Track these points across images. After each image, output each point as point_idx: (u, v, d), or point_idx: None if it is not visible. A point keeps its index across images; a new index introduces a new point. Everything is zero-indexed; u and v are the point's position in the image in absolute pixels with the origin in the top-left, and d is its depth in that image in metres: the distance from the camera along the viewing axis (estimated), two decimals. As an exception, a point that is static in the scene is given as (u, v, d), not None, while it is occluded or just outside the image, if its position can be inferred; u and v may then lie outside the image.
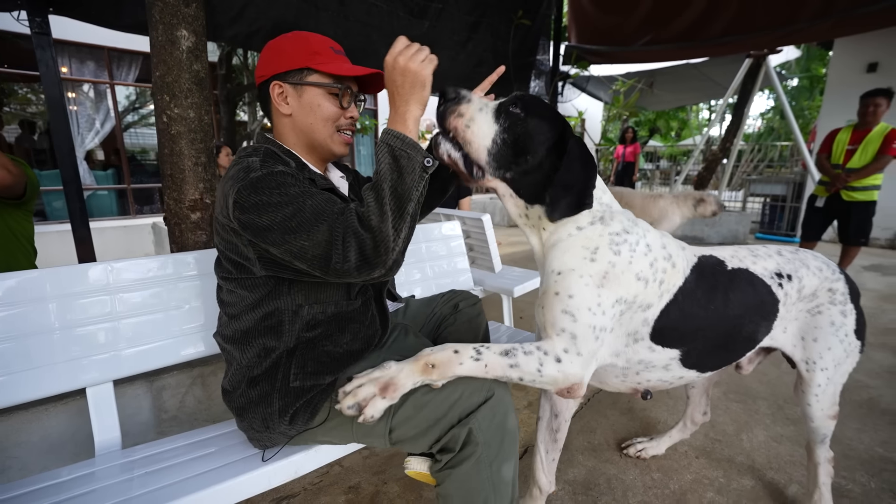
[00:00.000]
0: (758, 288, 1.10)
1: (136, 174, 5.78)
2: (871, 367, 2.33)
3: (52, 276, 1.05)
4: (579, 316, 0.90)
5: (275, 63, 0.94)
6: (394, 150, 0.81)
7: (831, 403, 1.22)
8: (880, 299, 3.52)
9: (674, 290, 1.00)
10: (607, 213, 0.99)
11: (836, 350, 1.16)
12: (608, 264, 0.93)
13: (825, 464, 1.29)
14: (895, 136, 3.40)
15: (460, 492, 0.87)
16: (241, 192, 0.82)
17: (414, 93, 0.84)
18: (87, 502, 0.83)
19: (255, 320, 0.94)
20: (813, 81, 12.94)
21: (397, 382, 0.85)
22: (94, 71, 5.15)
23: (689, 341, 1.03)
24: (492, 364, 0.87)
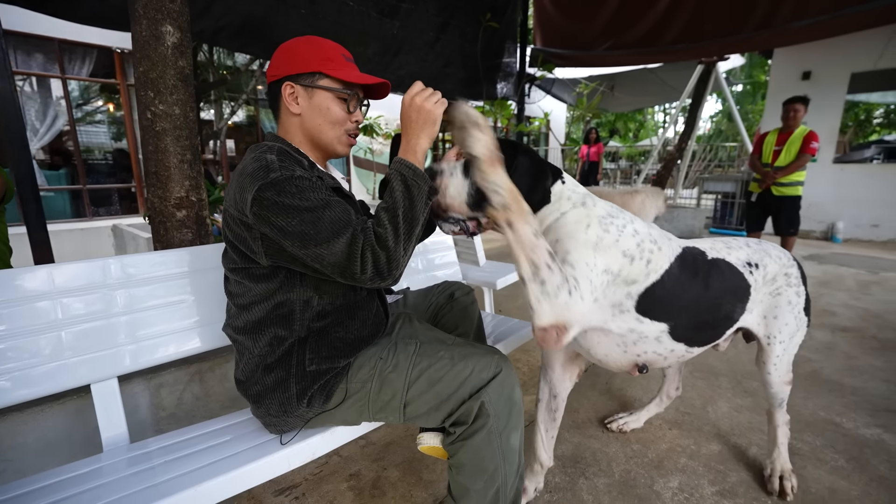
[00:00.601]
0: (733, 274, 1.23)
1: (92, 174, 5.45)
2: (813, 343, 2.61)
3: (55, 271, 1.04)
4: (578, 267, 1.00)
5: (288, 64, 0.99)
6: (406, 180, 0.90)
7: (786, 370, 1.39)
8: (818, 285, 3.90)
9: (660, 271, 1.10)
10: (589, 200, 1.11)
11: (791, 325, 1.33)
12: (597, 237, 1.04)
13: (783, 426, 1.45)
14: (812, 137, 3.91)
15: (473, 461, 0.94)
16: (263, 191, 0.85)
17: (426, 128, 0.94)
18: (114, 490, 0.84)
19: (267, 310, 0.97)
20: (755, 87, 13.95)
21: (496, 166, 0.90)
22: (42, 64, 4.82)
23: (674, 317, 1.14)
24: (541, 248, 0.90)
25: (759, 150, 4.28)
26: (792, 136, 3.99)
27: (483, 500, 0.94)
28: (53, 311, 1.04)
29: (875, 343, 2.62)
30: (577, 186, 1.15)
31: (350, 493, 1.43)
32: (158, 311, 1.18)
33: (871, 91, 7.88)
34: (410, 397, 0.96)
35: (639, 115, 19.32)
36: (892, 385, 2.11)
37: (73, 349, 1.04)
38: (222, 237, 1.02)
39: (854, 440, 1.69)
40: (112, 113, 5.82)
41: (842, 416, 1.84)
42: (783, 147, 4.03)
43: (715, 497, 1.40)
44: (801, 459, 1.57)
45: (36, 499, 0.84)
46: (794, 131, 3.99)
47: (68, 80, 5.00)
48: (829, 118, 6.05)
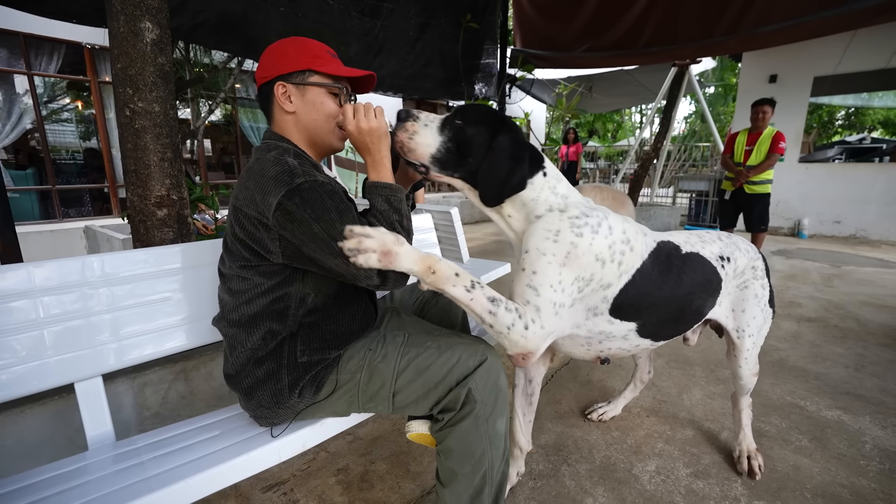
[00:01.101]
0: (706, 269, 1.25)
1: (62, 174, 5.26)
2: (780, 333, 2.74)
3: (35, 270, 1.02)
4: (542, 291, 1.00)
5: (278, 65, 1.01)
6: (389, 199, 0.99)
7: (755, 363, 1.46)
8: (785, 278, 4.09)
9: (632, 271, 1.10)
10: (563, 203, 1.09)
11: (759, 318, 1.37)
12: (570, 245, 1.02)
13: (746, 409, 1.54)
14: (780, 137, 4.16)
15: (461, 445, 0.97)
16: (290, 197, 0.87)
17: (382, 142, 1.00)
18: (104, 485, 0.84)
19: (264, 305, 0.99)
20: (727, 89, 14.45)
21: (397, 255, 0.87)
22: (6, 59, 4.63)
23: (644, 315, 1.15)
24: (478, 301, 0.94)
25: (730, 150, 4.50)
26: (761, 136, 4.21)
27: (470, 483, 0.97)
28: (34, 310, 1.02)
29: (837, 332, 2.77)
30: (559, 182, 1.12)
31: (339, 487, 1.45)
32: (142, 308, 1.17)
33: (832, 94, 8.27)
34: (399, 386, 0.99)
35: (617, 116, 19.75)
36: (851, 370, 2.24)
37: (56, 348, 1.03)
38: (227, 234, 1.02)
39: (816, 422, 1.79)
40: (82, 111, 5.63)
41: (806, 400, 1.95)
42: (754, 147, 4.25)
43: (689, 478, 1.48)
44: (769, 441, 1.66)
45: (21, 497, 0.83)
46: (763, 132, 4.22)
47: (35, 77, 4.82)
48: (795, 119, 6.33)
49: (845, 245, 5.85)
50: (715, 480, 1.46)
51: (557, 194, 1.10)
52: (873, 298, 3.46)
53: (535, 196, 1.09)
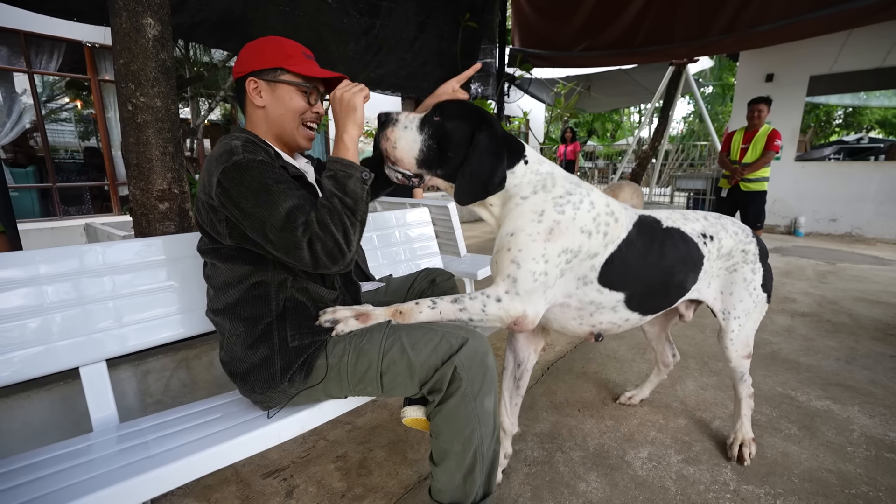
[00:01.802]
0: (687, 244, 1.29)
1: (62, 172, 5.29)
2: (773, 327, 2.78)
3: (46, 257, 1.05)
4: (524, 264, 1.07)
5: (252, 62, 1.07)
6: (336, 175, 0.98)
7: (744, 345, 1.46)
8: (781, 275, 4.12)
9: (618, 241, 1.16)
10: (549, 181, 1.14)
11: (747, 301, 1.39)
12: (553, 222, 1.08)
13: (746, 399, 1.54)
14: (776, 135, 4.21)
15: (449, 423, 1.00)
16: (226, 173, 0.93)
17: (349, 115, 1.02)
18: (110, 462, 0.87)
19: (242, 292, 1.02)
20: (724, 89, 14.49)
21: (372, 315, 1.07)
22: (7, 57, 4.66)
23: (631, 285, 1.20)
24: (445, 310, 1.07)
25: (727, 148, 4.56)
26: (757, 134, 4.26)
27: (462, 461, 1.00)
28: (41, 296, 1.05)
29: (830, 326, 2.81)
30: (542, 164, 1.16)
31: (337, 473, 1.48)
32: (144, 297, 1.20)
33: (828, 93, 8.32)
34: (386, 366, 1.01)
35: (616, 116, 19.80)
36: (842, 363, 2.28)
37: (62, 333, 1.06)
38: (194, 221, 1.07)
39: (806, 411, 1.83)
40: (82, 109, 5.66)
41: (796, 391, 1.99)
42: (749, 145, 4.31)
43: (680, 464, 1.51)
44: (759, 429, 1.70)
45: (29, 473, 0.86)
46: (758, 130, 4.27)
47: (35, 75, 4.84)
48: (791, 118, 6.37)
49: (841, 243, 5.89)
50: (705, 466, 1.50)
51: (541, 173, 1.14)
52: (866, 294, 3.50)
53: (517, 182, 1.13)
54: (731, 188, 4.44)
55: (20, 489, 0.81)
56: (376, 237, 1.95)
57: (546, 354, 2.42)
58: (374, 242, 1.94)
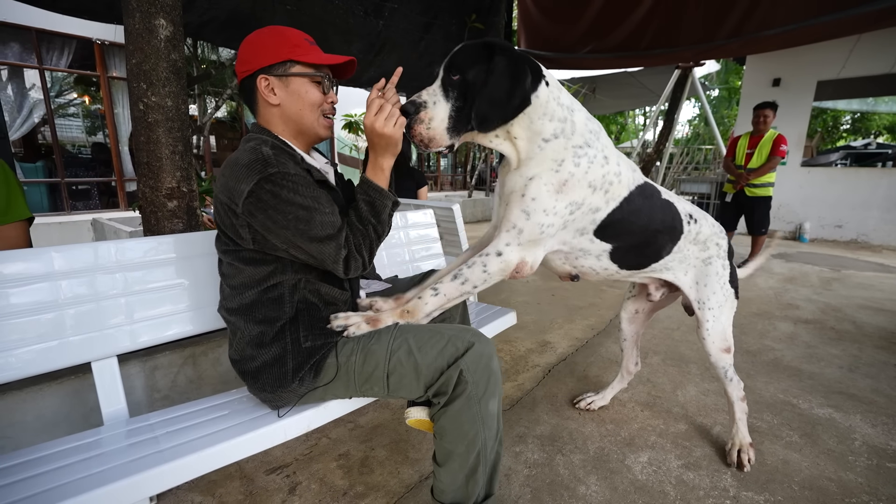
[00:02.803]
0: (675, 216, 1.36)
1: (71, 167, 5.34)
2: (776, 334, 2.77)
3: (61, 253, 1.08)
4: (533, 216, 1.09)
5: (258, 58, 1.02)
6: (373, 202, 1.05)
7: (721, 338, 1.49)
8: (784, 281, 4.11)
9: (619, 199, 1.20)
10: (569, 125, 1.10)
11: (719, 294, 1.46)
12: (568, 174, 1.09)
13: (738, 402, 1.54)
14: (782, 140, 4.20)
15: (455, 426, 1.01)
16: (262, 185, 0.92)
17: (389, 149, 1.05)
18: (121, 456, 0.89)
19: (258, 293, 1.04)
20: (731, 92, 14.43)
21: (380, 319, 1.11)
22: (19, 54, 4.71)
23: (620, 239, 1.26)
24: (448, 291, 1.11)
25: (732, 153, 4.55)
26: (762, 139, 4.26)
27: (465, 463, 1.01)
28: (55, 292, 1.07)
29: (833, 334, 2.80)
30: (561, 91, 1.11)
31: (339, 471, 1.50)
32: (154, 294, 1.23)
33: (836, 98, 8.27)
34: (392, 366, 1.03)
35: (620, 118, 19.74)
36: (845, 371, 2.28)
37: (75, 328, 1.09)
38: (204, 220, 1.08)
39: (808, 419, 1.83)
40: (91, 106, 5.71)
41: (798, 398, 1.99)
42: (755, 150, 4.30)
43: (681, 469, 1.52)
44: (760, 436, 1.70)
45: (40, 465, 0.88)
46: (764, 135, 4.26)
47: (46, 71, 4.89)
48: (797, 123, 6.35)
49: (846, 249, 5.86)
50: (705, 472, 1.50)
51: (562, 105, 1.10)
52: (871, 302, 3.48)
53: (542, 112, 1.08)
54: (735, 193, 4.44)
55: (33, 480, 0.83)
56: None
57: (547, 356, 2.43)
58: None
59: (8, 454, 0.92)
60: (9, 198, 1.44)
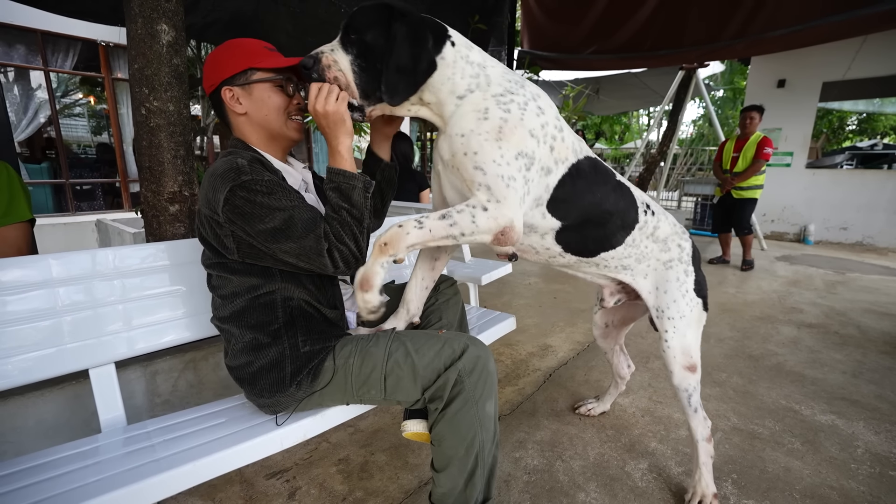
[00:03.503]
0: (629, 202, 1.24)
1: (75, 168, 5.38)
2: (779, 338, 2.75)
3: (59, 260, 1.08)
4: (487, 168, 0.97)
5: (219, 71, 1.05)
6: (339, 186, 1.01)
7: (682, 352, 1.32)
8: (788, 284, 4.08)
9: (567, 163, 1.09)
10: (482, 78, 1.02)
11: (680, 303, 1.31)
12: (500, 120, 0.98)
13: (703, 443, 1.34)
14: (766, 142, 4.20)
15: (452, 429, 1.01)
16: (235, 192, 0.93)
17: (339, 128, 1.00)
18: (117, 464, 0.89)
19: (249, 300, 1.04)
20: (735, 93, 14.34)
21: (369, 273, 0.98)
22: (24, 56, 4.74)
23: (570, 216, 1.14)
24: (434, 227, 0.97)
25: (720, 157, 4.62)
26: (748, 142, 4.29)
27: (464, 466, 1.01)
28: (53, 299, 1.08)
29: (837, 338, 2.78)
30: (471, 50, 1.05)
31: (339, 476, 1.50)
32: (152, 300, 1.23)
33: (842, 99, 8.21)
34: (390, 368, 1.03)
35: (624, 118, 19.68)
36: (849, 376, 2.26)
37: (73, 335, 1.09)
38: (196, 235, 1.08)
39: (810, 425, 1.81)
40: (96, 107, 5.74)
41: (801, 405, 1.97)
42: (740, 153, 4.35)
43: (681, 476, 1.51)
44: (761, 443, 1.69)
45: (38, 474, 0.89)
46: (749, 138, 4.29)
47: (51, 73, 4.93)
48: (802, 125, 6.30)
49: (851, 252, 5.81)
50: (706, 479, 1.49)
51: (472, 63, 1.03)
52: (876, 306, 3.45)
53: (450, 73, 1.01)
54: (723, 196, 4.54)
55: (30, 489, 0.84)
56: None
57: (548, 360, 2.42)
58: (380, 247, 1.95)
59: (8, 461, 0.92)
60: (10, 199, 1.44)
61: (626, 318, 1.70)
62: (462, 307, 1.50)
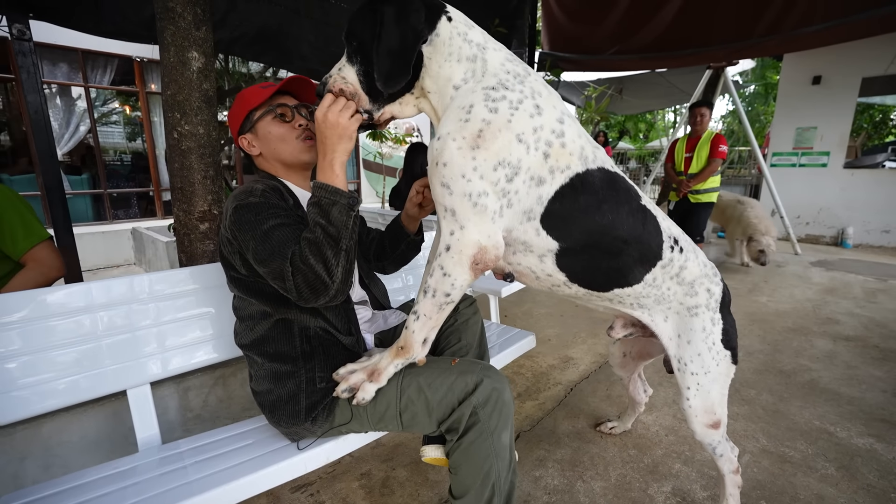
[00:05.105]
0: (652, 232, 1.07)
1: (112, 178, 5.66)
2: (813, 352, 2.64)
3: (99, 287, 1.15)
4: (454, 186, 0.89)
5: (233, 125, 1.16)
6: (320, 202, 0.94)
7: (705, 411, 1.20)
8: (824, 292, 3.90)
9: (569, 172, 0.95)
10: (479, 63, 0.95)
11: (705, 357, 1.17)
12: (482, 122, 0.88)
13: (730, 475, 1.29)
14: (719, 140, 3.87)
15: (468, 459, 1.02)
16: (238, 210, 1.00)
17: (341, 143, 0.97)
18: (154, 486, 0.95)
19: (267, 328, 1.08)
20: (768, 88, 13.79)
21: (380, 368, 1.03)
22: (67, 73, 5.02)
23: (572, 236, 1.00)
24: (426, 309, 0.97)
25: (671, 159, 4.28)
26: (700, 140, 3.98)
27: (481, 495, 1.02)
28: (94, 324, 1.15)
29: (877, 353, 2.65)
30: (471, 28, 0.97)
31: (361, 492, 1.53)
32: (184, 323, 1.29)
33: (884, 94, 7.79)
34: (404, 405, 1.05)
35: (649, 116, 19.20)
36: (889, 395, 2.15)
37: (112, 358, 1.16)
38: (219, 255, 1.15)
39: (846, 449, 1.74)
40: (131, 116, 6.02)
41: (836, 426, 1.89)
42: (693, 153, 4.02)
43: (706, 501, 1.47)
44: (792, 467, 1.63)
45: (81, 494, 0.95)
46: (701, 136, 3.99)
47: (90, 89, 5.19)
48: (840, 123, 6.01)
49: (894, 256, 5.51)
50: (732, 505, 1.45)
51: (471, 42, 0.96)
52: (921, 317, 3.27)
53: (447, 52, 0.94)
54: (679, 200, 4.16)
55: (76, 508, 0.90)
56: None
57: (569, 373, 2.40)
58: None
59: (55, 480, 0.99)
60: (22, 220, 1.44)
61: (643, 353, 1.63)
62: (481, 327, 1.50)
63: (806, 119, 6.07)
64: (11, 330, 1.05)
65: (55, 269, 1.48)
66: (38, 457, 1.22)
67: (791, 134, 6.37)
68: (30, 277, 1.40)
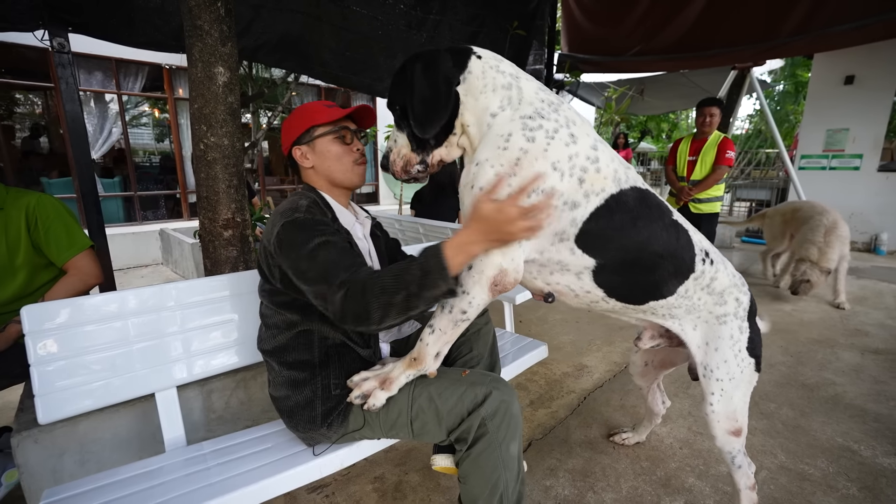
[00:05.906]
0: (685, 245, 1.11)
1: (142, 181, 5.90)
2: (840, 365, 2.56)
3: (132, 295, 1.23)
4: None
5: (290, 134, 1.20)
6: (429, 273, 0.91)
7: (727, 417, 1.24)
8: (853, 301, 3.76)
9: (603, 194, 0.99)
10: (515, 92, 0.99)
11: (731, 364, 1.20)
12: (520, 151, 0.92)
13: (746, 491, 1.30)
14: (727, 145, 3.46)
15: (476, 469, 1.05)
16: (285, 227, 1.04)
17: (491, 238, 0.93)
18: (179, 486, 1.01)
19: (290, 338, 1.13)
20: (798, 87, 13.31)
21: (392, 377, 1.08)
22: (101, 81, 5.26)
23: (609, 253, 1.03)
24: (442, 324, 1.03)
25: (673, 161, 3.82)
26: (706, 144, 3.56)
27: None
28: (127, 330, 1.22)
29: (908, 367, 2.55)
30: (501, 62, 1.02)
31: (374, 495, 1.57)
32: (208, 329, 1.35)
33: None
34: (415, 413, 1.09)
35: (671, 115, 18.77)
36: (919, 413, 2.07)
37: (143, 362, 1.23)
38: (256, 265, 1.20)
39: (870, 469, 1.69)
40: (160, 121, 6.26)
41: (860, 444, 1.84)
42: (698, 157, 3.60)
43: (719, 518, 1.46)
44: (811, 485, 1.60)
45: (111, 492, 1.01)
46: (708, 138, 3.57)
47: (122, 95, 5.42)
48: (874, 125, 5.76)
49: (932, 264, 5.26)
50: (747, 523, 1.44)
51: (504, 73, 1.00)
52: (958, 329, 3.12)
53: (483, 84, 0.99)
54: (679, 209, 3.62)
55: (109, 504, 0.96)
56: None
57: (583, 381, 2.40)
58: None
59: (89, 477, 1.06)
60: (67, 230, 1.53)
61: (665, 362, 1.64)
62: (493, 337, 1.52)
63: (837, 121, 5.85)
64: (52, 335, 1.13)
65: (94, 277, 1.57)
66: (74, 453, 1.30)
67: (821, 136, 6.14)
68: (70, 284, 1.50)
